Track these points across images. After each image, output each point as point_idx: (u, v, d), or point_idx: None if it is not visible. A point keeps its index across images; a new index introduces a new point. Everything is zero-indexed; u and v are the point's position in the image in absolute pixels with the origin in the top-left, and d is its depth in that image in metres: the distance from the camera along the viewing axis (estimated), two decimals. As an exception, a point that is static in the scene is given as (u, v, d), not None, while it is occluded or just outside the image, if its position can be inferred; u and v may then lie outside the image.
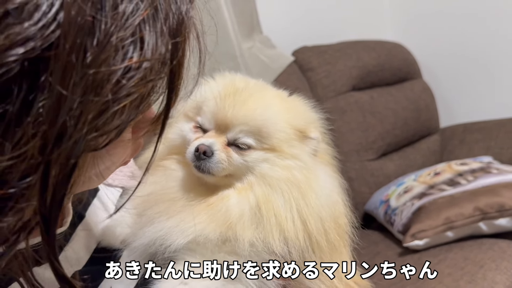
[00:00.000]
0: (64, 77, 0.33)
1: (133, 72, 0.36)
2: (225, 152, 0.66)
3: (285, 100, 0.72)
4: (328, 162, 0.74)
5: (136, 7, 0.36)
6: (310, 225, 0.62)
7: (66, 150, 0.35)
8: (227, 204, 0.63)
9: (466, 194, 1.63)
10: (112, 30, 0.35)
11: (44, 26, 0.33)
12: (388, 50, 2.40)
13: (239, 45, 1.77)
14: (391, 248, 1.65)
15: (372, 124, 2.17)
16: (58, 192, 0.36)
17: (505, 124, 2.28)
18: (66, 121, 0.34)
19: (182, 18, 0.40)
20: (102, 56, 0.35)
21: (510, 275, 1.38)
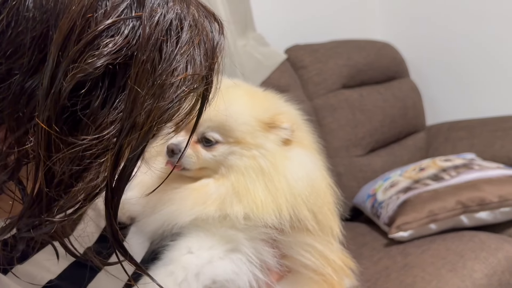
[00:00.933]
0: (140, 80, 0.43)
1: (187, 82, 0.47)
2: (193, 149, 0.72)
3: (253, 96, 0.78)
4: (308, 145, 0.79)
5: (191, 36, 0.47)
6: (282, 199, 0.68)
7: (140, 135, 0.45)
8: (207, 189, 0.71)
9: (449, 189, 1.71)
10: (176, 51, 0.46)
11: (129, 41, 0.43)
12: (378, 49, 2.48)
13: (234, 43, 1.83)
14: (377, 240, 1.73)
15: (361, 121, 2.24)
16: (129, 169, 0.46)
17: (488, 123, 2.37)
18: (140, 113, 0.44)
19: (216, 45, 0.51)
20: (168, 69, 0.45)
21: (488, 264, 1.47)
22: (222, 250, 0.68)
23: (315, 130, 0.84)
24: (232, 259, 0.68)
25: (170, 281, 0.65)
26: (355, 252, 1.66)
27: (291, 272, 0.77)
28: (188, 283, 0.65)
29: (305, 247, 0.74)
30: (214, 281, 0.67)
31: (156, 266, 0.68)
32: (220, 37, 0.52)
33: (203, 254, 0.68)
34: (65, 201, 0.45)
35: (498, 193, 1.66)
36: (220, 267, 0.67)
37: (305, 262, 0.75)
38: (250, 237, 0.69)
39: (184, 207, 0.70)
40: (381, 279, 1.42)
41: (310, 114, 2.13)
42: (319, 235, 0.76)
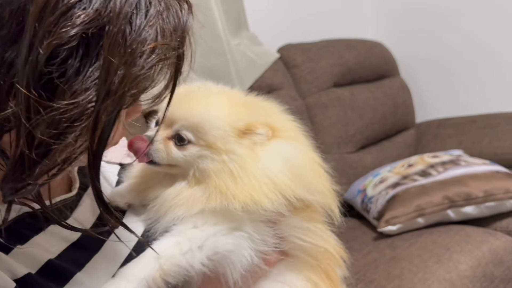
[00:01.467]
0: (112, 50, 0.49)
1: (156, 51, 0.53)
2: (164, 143, 0.75)
3: (234, 104, 0.79)
4: (291, 137, 0.80)
5: (159, 10, 0.53)
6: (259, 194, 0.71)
7: (114, 101, 0.50)
8: (187, 193, 0.74)
9: (436, 184, 1.77)
10: (145, 23, 0.51)
11: (100, 13, 0.48)
12: (369, 48, 2.53)
13: (228, 42, 1.87)
14: (367, 234, 1.78)
15: (352, 118, 2.29)
16: (106, 132, 0.51)
17: (476, 120, 2.43)
18: (113, 81, 0.49)
19: (185, 22, 0.57)
20: (138, 39, 0.51)
21: (473, 257, 1.52)
22: (225, 227, 0.72)
23: (307, 127, 0.87)
24: (235, 235, 0.72)
25: (176, 250, 0.70)
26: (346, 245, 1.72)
27: (289, 256, 0.81)
28: (193, 253, 0.70)
29: (304, 231, 0.78)
30: (216, 252, 0.71)
31: (164, 237, 0.72)
32: (189, 15, 0.57)
33: (207, 228, 0.72)
34: (45, 163, 0.50)
35: (484, 188, 1.72)
36: (222, 240, 0.71)
37: (303, 245, 0.78)
38: (251, 218, 0.73)
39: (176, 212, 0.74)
40: (369, 271, 1.47)
41: (302, 112, 2.19)
42: (319, 219, 0.80)
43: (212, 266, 0.71)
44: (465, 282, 1.43)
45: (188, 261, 0.69)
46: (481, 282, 1.47)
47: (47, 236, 0.65)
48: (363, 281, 1.42)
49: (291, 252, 0.80)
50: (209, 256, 0.71)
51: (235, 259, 0.71)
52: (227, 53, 1.84)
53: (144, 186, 0.81)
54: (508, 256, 1.60)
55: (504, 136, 2.26)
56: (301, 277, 0.80)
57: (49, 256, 0.63)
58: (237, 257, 0.71)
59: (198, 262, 0.70)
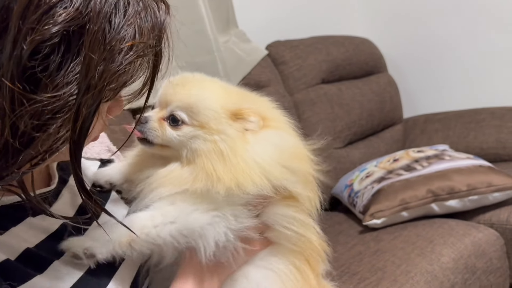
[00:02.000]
0: (93, 47, 0.52)
1: (135, 49, 0.56)
2: (159, 123, 0.79)
3: (227, 90, 0.84)
4: (278, 125, 0.83)
5: (137, 10, 0.57)
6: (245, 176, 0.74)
7: (93, 95, 0.53)
8: (178, 173, 0.77)
9: (421, 178, 1.80)
10: (123, 22, 0.55)
11: (81, 12, 0.52)
12: (356, 45, 2.56)
13: (216, 39, 1.89)
14: (353, 227, 1.81)
15: (339, 115, 2.32)
16: (86, 123, 0.55)
17: (463, 115, 2.47)
18: (94, 76, 0.53)
19: (162, 21, 0.60)
20: (117, 37, 0.54)
21: (455, 249, 1.56)
22: (203, 208, 0.75)
23: (294, 123, 0.89)
24: (211, 214, 0.75)
25: (149, 222, 0.74)
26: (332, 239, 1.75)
27: (273, 244, 0.84)
28: (162, 226, 0.73)
29: (288, 219, 0.80)
30: (186, 226, 0.74)
31: (142, 211, 0.76)
32: (166, 16, 0.61)
33: (184, 207, 0.75)
34: (28, 152, 0.53)
35: (467, 182, 1.75)
36: (195, 218, 0.74)
37: (287, 234, 0.80)
38: (231, 201, 0.75)
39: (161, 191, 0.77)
40: (354, 264, 1.50)
41: (290, 109, 2.22)
42: (302, 210, 0.82)
43: (183, 240, 0.74)
44: (447, 274, 1.46)
45: (158, 233, 0.73)
46: (463, 274, 1.51)
47: (25, 227, 0.67)
48: (347, 273, 1.45)
49: (275, 240, 0.83)
50: (179, 230, 0.73)
51: (207, 234, 0.74)
52: (214, 51, 1.86)
53: (138, 168, 0.84)
54: (490, 248, 1.64)
55: (489, 131, 2.30)
56: (285, 261, 0.82)
57: (27, 245, 0.66)
58: (210, 232, 0.74)
59: (167, 234, 0.73)
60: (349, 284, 1.39)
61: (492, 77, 2.58)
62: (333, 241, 1.78)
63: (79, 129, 0.55)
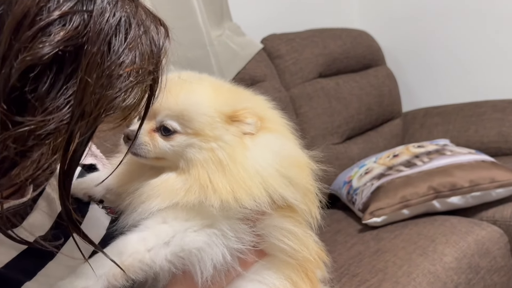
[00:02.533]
0: (90, 71, 0.47)
1: (134, 74, 0.52)
2: (149, 136, 0.72)
3: (218, 89, 0.77)
4: (277, 130, 0.79)
5: (138, 34, 0.52)
6: (246, 186, 0.69)
7: (88, 123, 0.49)
8: (171, 183, 0.71)
9: (421, 175, 1.75)
10: (125, 45, 0.50)
11: (79, 32, 0.47)
12: (354, 37, 2.50)
13: (208, 33, 1.83)
14: (352, 226, 1.76)
15: (337, 109, 2.26)
16: (78, 152, 0.50)
17: (463, 108, 2.42)
18: (89, 102, 0.48)
19: (161, 46, 0.56)
20: (117, 61, 0.50)
21: (458, 248, 1.51)
22: (197, 224, 0.69)
23: (291, 118, 0.84)
24: (207, 232, 0.69)
25: (141, 245, 0.67)
26: (330, 238, 1.71)
27: (267, 256, 0.78)
28: (158, 249, 0.67)
29: (284, 233, 0.75)
30: (183, 249, 0.68)
31: (132, 232, 0.69)
32: (166, 40, 0.56)
33: (177, 224, 0.69)
34: (7, 179, 0.48)
35: (469, 178, 1.70)
36: (191, 237, 0.68)
37: (282, 247, 0.75)
38: (227, 215, 0.70)
39: (158, 202, 0.71)
40: (353, 265, 1.45)
41: (286, 104, 2.16)
42: (299, 221, 0.77)
43: (179, 264, 0.68)
44: (450, 274, 1.41)
45: (152, 258, 0.66)
46: (467, 274, 1.46)
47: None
48: (346, 275, 1.40)
49: (270, 252, 0.78)
50: (175, 252, 0.67)
51: (205, 257, 0.68)
52: (207, 45, 1.80)
53: (125, 179, 0.78)
54: (494, 246, 1.59)
55: (490, 124, 2.24)
56: (280, 275, 0.77)
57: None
58: (207, 254, 0.68)
59: (162, 258, 0.67)
60: (349, 286, 1.34)
61: (493, 70, 2.52)
62: (331, 240, 1.74)
63: (69, 159, 0.50)
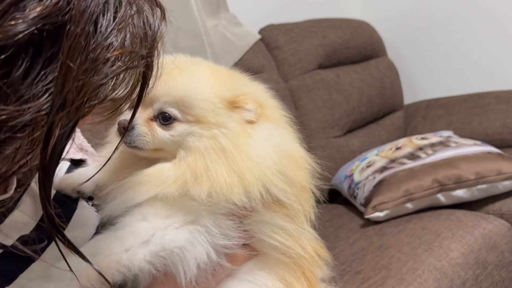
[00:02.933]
0: (72, 54, 0.41)
1: (123, 59, 0.46)
2: (148, 126, 0.67)
3: (217, 73, 0.73)
4: (277, 119, 0.75)
5: (129, 13, 0.47)
6: (248, 177, 0.65)
7: (69, 114, 0.43)
8: (163, 172, 0.66)
9: (425, 167, 1.69)
10: (113, 26, 0.44)
11: (60, 8, 0.41)
12: (354, 28, 2.43)
13: (204, 23, 1.77)
14: (354, 220, 1.71)
15: (338, 101, 2.20)
16: (58, 148, 0.44)
17: (466, 99, 2.36)
18: (70, 91, 0.42)
19: (157, 29, 0.50)
20: (103, 43, 0.44)
21: (464, 243, 1.45)
22: (179, 220, 0.65)
23: (290, 111, 0.80)
24: (189, 229, 0.64)
25: (118, 245, 0.62)
26: (332, 233, 1.65)
27: (259, 253, 0.73)
28: (136, 250, 0.62)
29: (274, 229, 0.70)
30: (164, 248, 0.63)
31: (108, 231, 0.65)
32: (162, 22, 0.51)
33: (158, 221, 0.64)
34: None
35: (475, 170, 1.64)
36: (172, 235, 0.63)
37: (274, 244, 0.70)
38: (210, 210, 0.65)
39: (140, 191, 0.66)
40: (356, 261, 1.40)
41: (285, 96, 2.10)
42: (291, 217, 0.72)
43: (160, 264, 0.63)
44: (457, 270, 1.36)
45: (130, 258, 0.61)
46: (474, 270, 1.40)
47: None
48: (349, 272, 1.35)
49: (261, 249, 0.72)
50: (155, 252, 0.62)
51: (187, 256, 0.63)
52: (202, 34, 1.74)
53: (116, 174, 0.72)
54: (502, 240, 1.53)
55: (495, 116, 2.19)
56: (272, 276, 0.72)
57: None
58: (190, 253, 0.63)
59: (141, 259, 0.61)
60: (352, 284, 1.28)
61: (496, 60, 2.46)
62: (333, 235, 1.69)
63: (50, 154, 0.44)
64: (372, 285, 1.27)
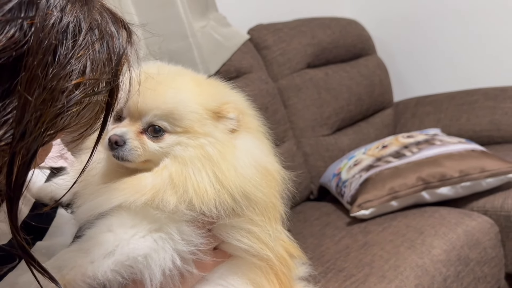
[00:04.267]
0: (30, 87, 0.42)
1: (83, 87, 0.46)
2: (138, 140, 0.69)
3: (200, 84, 0.75)
4: (255, 130, 0.78)
5: (90, 40, 0.46)
6: (231, 187, 0.67)
7: (28, 144, 0.43)
8: (141, 180, 0.68)
9: (410, 165, 1.71)
10: (71, 54, 0.44)
11: (16, 42, 0.41)
12: (343, 26, 2.45)
13: (190, 24, 1.78)
14: (341, 219, 1.73)
15: (327, 100, 2.22)
16: (21, 177, 0.44)
17: (454, 96, 2.38)
18: (29, 122, 0.42)
19: (122, 52, 0.50)
20: (61, 73, 0.44)
21: (447, 240, 1.47)
22: (144, 229, 0.67)
23: (279, 110, 0.82)
24: (154, 237, 0.67)
25: (83, 258, 0.64)
26: (319, 231, 1.67)
27: (232, 256, 0.76)
28: (100, 261, 0.64)
29: (242, 232, 0.73)
30: (128, 257, 0.65)
31: (74, 243, 0.67)
32: (127, 44, 0.51)
33: (122, 231, 0.66)
34: None
35: (459, 168, 1.67)
36: (135, 243, 0.65)
37: (243, 247, 0.73)
38: (173, 218, 0.67)
39: (113, 196, 0.68)
40: (340, 259, 1.42)
41: (274, 96, 2.12)
42: (260, 221, 0.74)
43: (127, 273, 0.65)
44: (439, 267, 1.38)
45: (95, 270, 0.63)
46: (456, 266, 1.43)
47: None
48: (332, 270, 1.37)
49: (233, 252, 0.75)
50: (121, 261, 0.64)
51: (151, 263, 0.65)
52: (189, 36, 1.76)
53: (97, 181, 0.73)
54: (484, 237, 1.56)
55: (482, 113, 2.21)
56: (245, 280, 0.75)
57: None
58: (155, 260, 0.65)
59: (107, 269, 0.63)
60: (335, 282, 1.30)
61: (484, 57, 2.48)
62: (320, 233, 1.71)
63: (13, 184, 0.44)
64: (354, 282, 1.29)
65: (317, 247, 1.56)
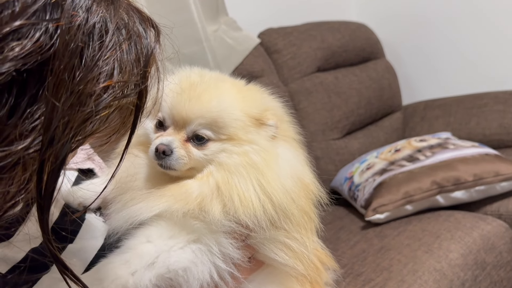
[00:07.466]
0: (57, 92, 0.41)
1: (111, 90, 0.44)
2: (184, 148, 0.69)
3: (241, 90, 0.75)
4: (291, 139, 0.77)
5: (117, 41, 0.45)
6: (276, 197, 0.67)
7: (56, 150, 0.42)
8: (187, 188, 0.68)
9: (424, 169, 1.71)
10: (98, 56, 0.43)
11: (42, 46, 0.40)
12: (352, 30, 2.45)
13: (204, 29, 1.79)
14: (354, 222, 1.73)
15: (337, 104, 2.23)
16: (50, 184, 0.43)
17: (463, 100, 2.38)
18: (57, 128, 0.41)
19: (150, 52, 0.49)
20: (88, 76, 0.42)
21: (463, 244, 1.47)
22: (183, 240, 0.66)
23: (292, 115, 0.83)
24: (192, 249, 0.66)
25: (124, 269, 0.63)
26: (333, 236, 1.67)
27: (266, 265, 0.75)
28: (142, 273, 0.63)
29: (278, 245, 0.72)
30: (169, 269, 0.64)
31: (113, 254, 0.66)
32: (156, 44, 0.49)
33: (162, 243, 0.66)
34: None
35: (473, 171, 1.67)
36: (176, 256, 0.65)
37: (278, 260, 0.72)
38: (211, 229, 0.67)
39: (155, 202, 0.67)
40: (357, 263, 1.42)
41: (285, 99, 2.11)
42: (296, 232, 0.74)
43: (166, 285, 0.65)
44: (456, 271, 1.38)
45: (136, 282, 0.62)
46: (473, 270, 1.43)
47: None
48: (350, 274, 1.37)
49: (269, 262, 0.74)
50: (161, 274, 0.64)
51: (191, 277, 0.65)
52: (203, 40, 1.76)
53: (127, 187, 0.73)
54: (500, 241, 1.56)
55: (492, 116, 2.21)
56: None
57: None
58: (194, 274, 0.65)
59: (147, 282, 0.63)
60: (354, 286, 1.30)
61: (494, 61, 2.48)
62: (334, 238, 1.70)
63: (44, 192, 0.43)
64: (373, 287, 1.29)
65: (333, 251, 1.56)
